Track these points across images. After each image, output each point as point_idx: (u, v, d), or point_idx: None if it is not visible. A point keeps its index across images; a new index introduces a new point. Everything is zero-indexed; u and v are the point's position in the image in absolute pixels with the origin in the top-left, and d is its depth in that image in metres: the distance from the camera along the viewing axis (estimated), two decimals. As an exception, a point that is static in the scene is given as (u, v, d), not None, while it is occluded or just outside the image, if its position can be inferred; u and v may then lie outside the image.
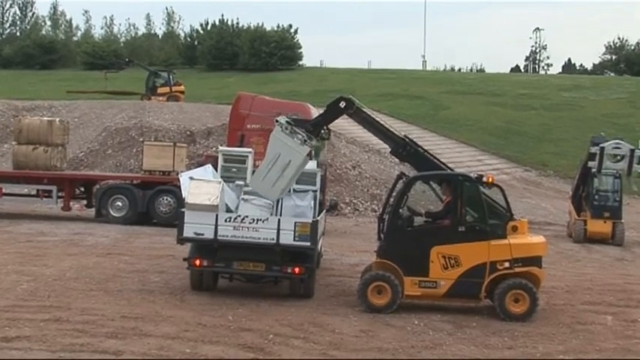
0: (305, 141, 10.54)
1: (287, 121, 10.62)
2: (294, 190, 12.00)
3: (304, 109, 18.63)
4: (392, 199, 10.79)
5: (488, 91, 49.53)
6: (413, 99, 46.34)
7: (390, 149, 11.15)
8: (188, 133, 28.09)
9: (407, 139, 10.99)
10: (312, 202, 11.63)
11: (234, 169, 12.10)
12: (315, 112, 19.75)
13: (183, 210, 10.59)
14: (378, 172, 27.14)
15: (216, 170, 12.00)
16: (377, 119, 11.14)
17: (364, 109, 11.01)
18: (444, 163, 11.12)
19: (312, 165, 13.12)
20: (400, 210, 10.48)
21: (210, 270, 10.88)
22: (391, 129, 11.14)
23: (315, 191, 12.09)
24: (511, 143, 38.03)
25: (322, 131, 10.88)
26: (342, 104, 10.77)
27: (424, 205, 13.46)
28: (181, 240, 10.60)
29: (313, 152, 18.64)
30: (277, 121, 10.65)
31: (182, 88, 40.09)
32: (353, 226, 21.04)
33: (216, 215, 10.39)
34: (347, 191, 24.18)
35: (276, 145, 10.57)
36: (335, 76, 57.38)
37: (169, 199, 18.97)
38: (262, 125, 18.20)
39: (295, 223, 10.38)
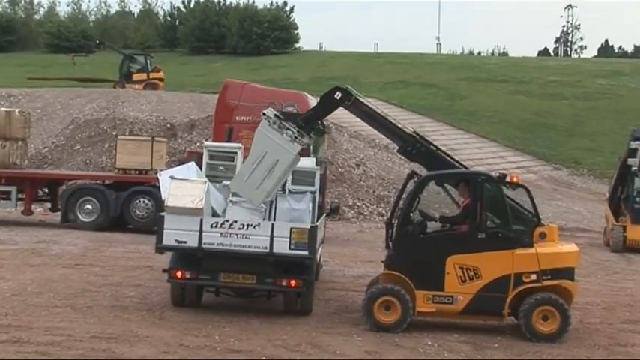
0: (295, 138, 10.55)
1: (275, 115, 10.64)
2: (289, 191, 12.01)
3: (301, 98, 18.63)
4: (402, 202, 10.79)
5: (513, 78, 49.61)
6: (426, 87, 46.40)
7: (397, 147, 11.15)
8: (168, 126, 28.11)
9: (417, 136, 11.00)
10: (311, 205, 11.64)
11: (221, 168, 12.10)
12: (314, 102, 19.76)
13: (162, 214, 10.59)
14: (385, 170, 27.16)
15: (201, 169, 11.99)
16: (380, 112, 11.15)
17: (364, 101, 11.01)
18: (460, 163, 11.14)
19: (310, 163, 13.14)
20: (411, 214, 10.47)
21: (194, 283, 10.88)
22: (398, 124, 11.15)
23: (314, 193, 12.10)
24: (538, 138, 38.10)
25: (316, 127, 10.88)
26: (338, 95, 10.77)
27: (438, 209, 13.41)
28: (160, 248, 10.61)
29: (311, 149, 18.67)
30: (264, 114, 10.68)
31: (161, 74, 40.13)
32: (357, 232, 21.05)
33: (201, 220, 10.39)
34: (350, 193, 24.20)
35: (262, 142, 10.59)
36: (336, 60, 57.47)
37: (147, 201, 18.98)
38: (253, 117, 18.12)
39: (291, 229, 10.38)
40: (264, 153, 10.53)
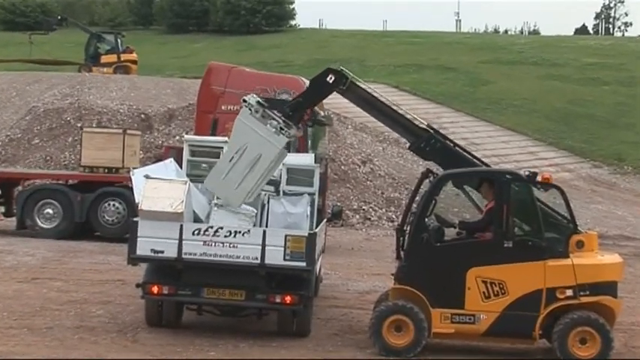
0: (281, 129, 10.57)
1: (258, 102, 10.66)
2: (284, 192, 12.02)
3: (297, 84, 18.62)
4: (415, 205, 10.80)
5: (545, 61, 49.64)
6: (443, 71, 46.42)
7: (408, 143, 11.17)
8: (143, 116, 28.12)
9: (431, 130, 11.01)
10: (309, 209, 11.65)
11: (204, 165, 12.10)
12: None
13: (136, 219, 10.59)
14: (396, 168, 27.17)
15: (181, 166, 12.01)
16: (383, 99, 11.15)
17: (362, 85, 11.02)
18: (482, 162, 11.15)
19: (308, 159, 13.15)
20: (426, 219, 10.49)
21: (173, 299, 10.88)
22: (407, 115, 11.15)
23: (313, 194, 12.09)
24: (575, 130, 38.13)
25: (312, 117, 10.90)
26: (330, 78, 10.80)
27: (458, 214, 13.41)
28: (134, 260, 10.62)
29: (310, 143, 18.66)
30: (245, 100, 10.70)
31: (134, 56, 40.15)
32: (363, 240, 21.05)
33: (181, 226, 10.40)
34: (355, 194, 24.20)
35: (242, 133, 10.61)
36: (339, 40, 57.51)
37: (117, 204, 18.97)
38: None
39: (286, 236, 10.39)
40: (244, 146, 10.55)
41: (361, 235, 21.80)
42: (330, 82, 10.80)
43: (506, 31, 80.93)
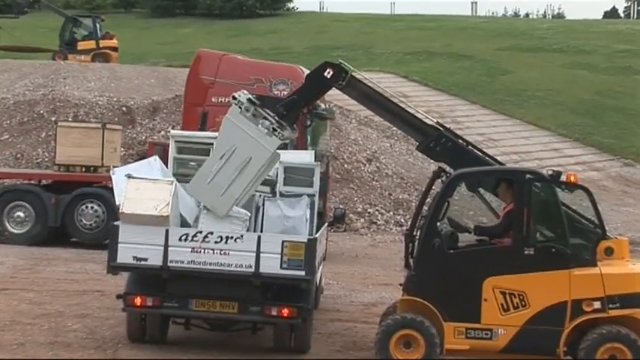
0: (274, 130, 10.61)
1: (249, 100, 10.70)
2: (281, 194, 12.04)
3: (296, 74, 18.67)
4: (426, 208, 10.82)
5: (571, 47, 49.65)
6: (457, 59, 46.40)
7: (417, 143, 11.19)
8: (124, 109, 28.13)
9: (441, 127, 11.04)
10: (308, 212, 11.68)
11: (192, 164, 12.13)
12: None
13: (116, 224, 10.63)
14: (405, 167, 27.19)
15: (166, 164, 12.03)
16: (387, 95, 11.19)
17: (363, 79, 11.07)
18: (497, 162, 11.16)
19: (308, 157, 13.16)
20: (438, 223, 10.51)
21: (157, 312, 10.91)
22: (414, 112, 11.18)
23: (313, 195, 12.14)
24: (604, 124, 38.10)
25: (304, 115, 10.93)
26: (328, 73, 10.85)
27: (473, 217, 13.40)
28: (114, 268, 10.63)
29: (309, 139, 18.68)
30: (234, 98, 10.75)
31: (114, 42, 40.10)
32: (368, 246, 21.07)
33: (167, 231, 10.42)
34: (359, 196, 24.22)
35: (230, 134, 10.65)
36: (341, 25, 57.46)
37: (96, 207, 18.99)
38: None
39: (283, 242, 10.42)
40: (232, 148, 10.59)
41: (366, 240, 21.82)
42: (328, 77, 10.85)
43: (527, 15, 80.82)
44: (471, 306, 10.27)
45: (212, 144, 12.10)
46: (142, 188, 10.59)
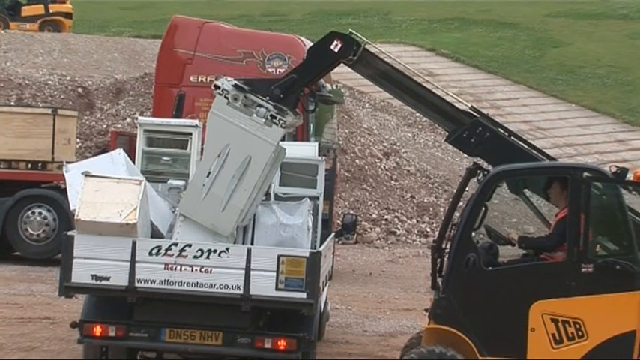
0: (273, 118, 10.60)
1: (235, 86, 10.70)
2: (277, 196, 12.04)
3: (294, 46, 18.71)
4: (458, 215, 10.79)
5: None
6: (497, 28, 46.45)
7: (446, 133, 11.19)
8: (80, 90, 28.17)
9: (477, 114, 11.01)
10: (311, 219, 11.67)
11: (166, 159, 12.14)
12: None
13: (70, 233, 10.61)
14: (431, 163, 27.20)
15: (133, 160, 12.01)
16: (409, 74, 11.16)
17: (379, 54, 11.09)
18: (548, 156, 11.13)
19: (310, 151, 13.14)
20: (473, 234, 10.49)
21: (122, 344, 10.89)
22: (443, 94, 11.16)
23: (316, 199, 12.15)
24: (681, 110, 38.09)
25: (305, 97, 10.94)
26: (336, 46, 10.87)
27: (517, 226, 13.38)
28: (68, 289, 10.58)
29: (312, 128, 18.65)
30: (216, 86, 10.75)
31: (68, 7, 40.11)
32: (386, 262, 21.09)
33: (134, 243, 10.41)
34: (374, 198, 24.23)
35: (220, 132, 10.67)
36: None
37: (45, 213, 18.99)
38: (218, 77, 18.09)
39: (279, 257, 10.40)
40: (226, 148, 10.59)
41: (383, 255, 21.83)
42: (336, 50, 10.87)
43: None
44: (515, 337, 10.26)
45: (190, 134, 12.10)
46: (102, 189, 10.57)
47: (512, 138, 11.10)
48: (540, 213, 11.27)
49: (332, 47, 10.90)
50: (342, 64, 11.05)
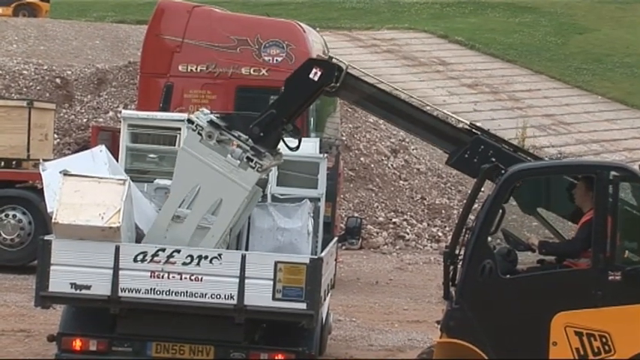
0: (249, 160, 10.63)
1: (211, 122, 10.73)
2: (274, 197, 12.04)
3: (293, 33, 18.74)
4: (473, 218, 10.80)
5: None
6: (516, 12, 46.45)
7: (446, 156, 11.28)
8: (58, 81, 28.16)
9: (477, 131, 11.07)
10: (311, 223, 11.68)
11: (152, 156, 12.13)
12: (314, 39, 19.72)
13: (48, 238, 10.61)
14: (443, 161, 27.06)
15: (116, 157, 12.01)
16: (400, 95, 11.25)
17: (363, 77, 11.14)
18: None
19: (310, 147, 13.13)
20: (490, 239, 10.50)
21: (104, 359, 10.93)
22: (438, 114, 11.22)
23: (317, 200, 12.17)
24: None
25: (285, 132, 10.97)
26: (315, 74, 10.95)
27: (536, 230, 13.36)
28: (45, 299, 10.62)
29: (313, 124, 18.70)
30: (190, 121, 10.78)
31: (45, -11, 40.21)
32: (393, 270, 21.10)
33: (117, 248, 10.42)
34: (381, 200, 24.24)
35: (190, 170, 10.73)
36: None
37: (19, 216, 19.00)
38: (209, 66, 18.20)
39: (277, 263, 10.43)
40: (195, 188, 10.67)
41: (391, 262, 21.84)
42: (316, 79, 10.96)
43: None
44: (535, 352, 10.26)
45: (179, 129, 12.11)
46: (82, 190, 10.59)
47: (518, 153, 11.12)
48: (559, 232, 11.25)
49: (311, 76, 10.97)
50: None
